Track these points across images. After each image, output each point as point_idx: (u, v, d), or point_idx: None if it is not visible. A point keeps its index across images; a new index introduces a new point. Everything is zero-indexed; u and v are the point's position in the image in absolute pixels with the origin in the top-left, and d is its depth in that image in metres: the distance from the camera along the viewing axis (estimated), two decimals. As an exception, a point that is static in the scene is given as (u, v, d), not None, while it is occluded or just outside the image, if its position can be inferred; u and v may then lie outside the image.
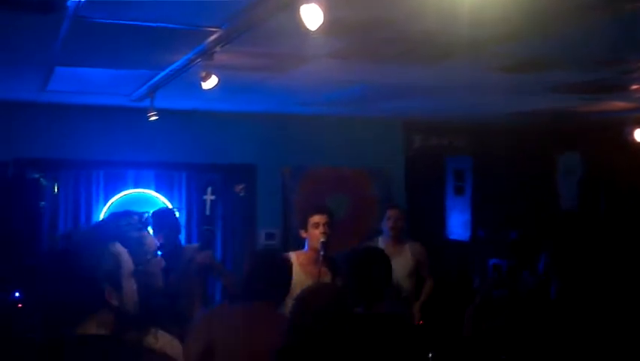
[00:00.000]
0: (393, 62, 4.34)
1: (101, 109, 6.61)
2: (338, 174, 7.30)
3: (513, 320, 4.00)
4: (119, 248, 2.20)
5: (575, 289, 3.92)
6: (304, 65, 4.40)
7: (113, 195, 7.35)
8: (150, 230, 2.62)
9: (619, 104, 5.95)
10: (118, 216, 2.53)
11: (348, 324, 2.80)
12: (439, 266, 6.22)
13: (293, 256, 5.17)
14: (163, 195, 7.55)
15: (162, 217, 5.86)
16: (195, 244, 7.16)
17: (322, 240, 4.90)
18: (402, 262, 5.65)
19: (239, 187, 7.47)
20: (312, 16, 2.80)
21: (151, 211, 2.64)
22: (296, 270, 5.06)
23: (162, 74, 4.62)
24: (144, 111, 5.51)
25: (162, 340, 2.41)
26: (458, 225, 7.40)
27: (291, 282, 3.82)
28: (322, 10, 2.79)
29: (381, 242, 5.71)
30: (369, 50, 3.99)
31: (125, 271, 2.18)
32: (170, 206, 7.35)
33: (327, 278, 4.71)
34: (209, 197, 7.61)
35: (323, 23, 2.86)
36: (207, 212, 7.64)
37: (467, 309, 4.37)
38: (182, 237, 6.76)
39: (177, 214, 6.93)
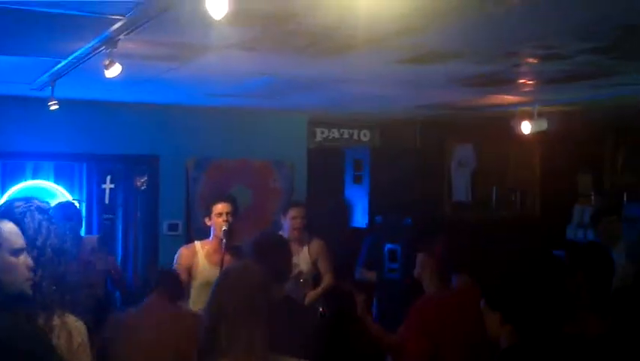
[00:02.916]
0: (297, 54, 4.45)
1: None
2: (242, 166, 7.38)
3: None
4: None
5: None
6: (210, 55, 4.45)
7: (11, 187, 7.18)
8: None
9: (509, 98, 6.27)
10: (15, 200, 2.56)
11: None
12: (340, 252, 6.44)
13: (198, 245, 5.30)
14: (63, 186, 7.42)
15: (66, 210, 6.00)
16: (95, 235, 7.13)
17: (224, 228, 5.03)
18: (300, 262, 5.77)
19: (140, 181, 7.42)
20: (217, 5, 2.88)
21: (52, 203, 2.65)
22: (201, 258, 5.18)
23: (65, 62, 4.56)
24: (44, 101, 5.42)
25: (69, 320, 2.49)
26: (357, 212, 7.66)
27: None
28: (227, -1, 2.87)
29: None
30: (273, 41, 4.08)
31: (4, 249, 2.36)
32: (70, 198, 7.26)
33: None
34: (108, 186, 7.55)
35: (228, 13, 2.94)
36: (106, 201, 7.59)
37: None
38: (83, 228, 6.75)
39: (78, 206, 6.89)
